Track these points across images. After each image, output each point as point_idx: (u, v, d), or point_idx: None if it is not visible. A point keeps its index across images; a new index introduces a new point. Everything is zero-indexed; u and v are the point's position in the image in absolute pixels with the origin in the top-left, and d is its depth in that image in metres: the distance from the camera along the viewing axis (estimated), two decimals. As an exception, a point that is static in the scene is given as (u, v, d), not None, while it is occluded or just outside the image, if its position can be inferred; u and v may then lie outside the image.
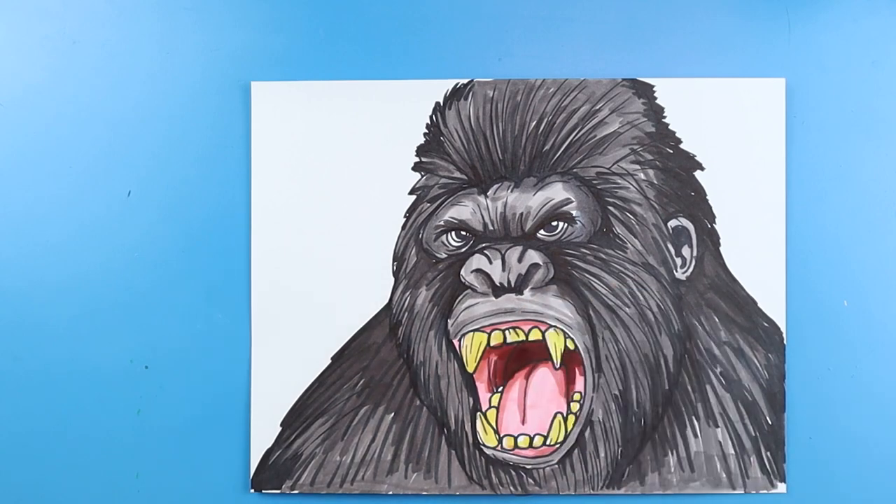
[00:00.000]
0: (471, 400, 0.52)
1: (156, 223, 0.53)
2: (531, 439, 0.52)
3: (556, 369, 0.52)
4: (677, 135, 0.52)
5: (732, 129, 0.52)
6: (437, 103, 0.52)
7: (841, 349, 0.53)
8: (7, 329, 0.53)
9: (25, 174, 0.53)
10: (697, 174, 0.52)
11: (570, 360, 0.52)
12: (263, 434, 0.52)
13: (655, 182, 0.52)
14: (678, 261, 0.52)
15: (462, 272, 0.52)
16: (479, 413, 0.52)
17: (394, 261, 0.53)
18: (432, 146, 0.53)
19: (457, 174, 0.52)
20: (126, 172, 0.53)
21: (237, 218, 0.53)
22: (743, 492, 0.52)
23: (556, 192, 0.52)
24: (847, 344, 0.53)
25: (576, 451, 0.52)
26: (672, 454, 0.52)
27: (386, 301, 0.53)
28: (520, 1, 0.53)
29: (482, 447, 0.52)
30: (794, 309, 0.52)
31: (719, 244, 0.52)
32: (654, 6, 0.53)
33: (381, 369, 0.53)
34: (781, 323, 0.52)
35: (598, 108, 0.52)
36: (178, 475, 0.53)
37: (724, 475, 0.52)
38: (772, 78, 0.52)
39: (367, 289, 0.52)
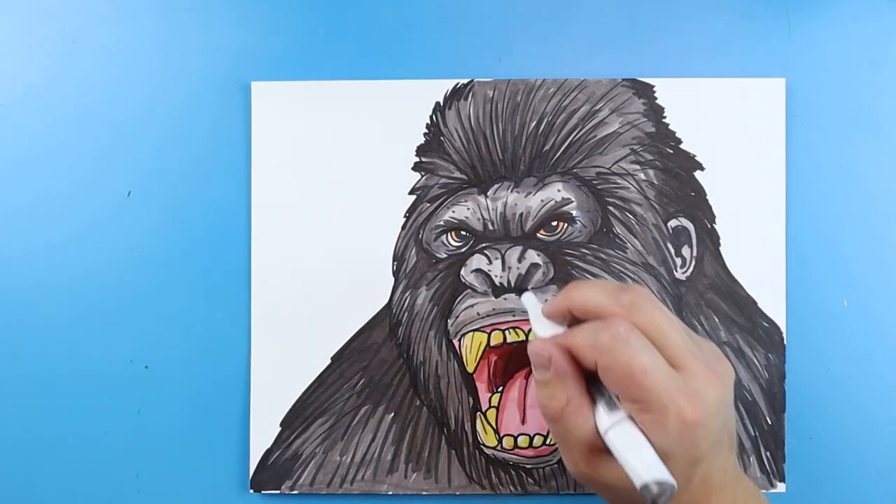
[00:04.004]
0: (471, 400, 0.52)
1: (156, 223, 0.53)
2: (531, 439, 0.52)
3: (556, 369, 0.52)
4: (677, 135, 0.52)
5: (732, 129, 0.52)
6: (437, 103, 0.52)
7: (841, 349, 0.53)
8: (7, 329, 0.53)
9: (25, 174, 0.53)
10: (697, 174, 0.52)
11: (570, 360, 0.52)
12: (263, 434, 0.52)
13: (655, 182, 0.52)
14: (678, 261, 0.52)
15: (462, 272, 0.52)
16: (479, 413, 0.52)
17: (394, 261, 0.53)
18: (432, 146, 0.53)
19: (457, 174, 0.52)
20: (126, 172, 0.53)
21: (237, 218, 0.53)
22: (743, 492, 0.51)
23: (556, 192, 0.52)
24: (847, 344, 0.53)
25: (576, 451, 0.52)
26: (672, 454, 0.52)
27: (386, 301, 0.53)
28: (520, 1, 0.53)
29: (482, 447, 0.52)
30: (794, 309, 0.52)
31: (719, 244, 0.52)
32: (654, 6, 0.53)
33: (381, 369, 0.53)
34: (781, 323, 0.52)
35: (598, 108, 0.52)
36: (178, 475, 0.53)
37: (724, 475, 0.51)
38: (772, 78, 0.52)
39: (367, 289, 0.52)
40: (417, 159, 0.53)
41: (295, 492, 0.52)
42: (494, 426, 0.52)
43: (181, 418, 0.53)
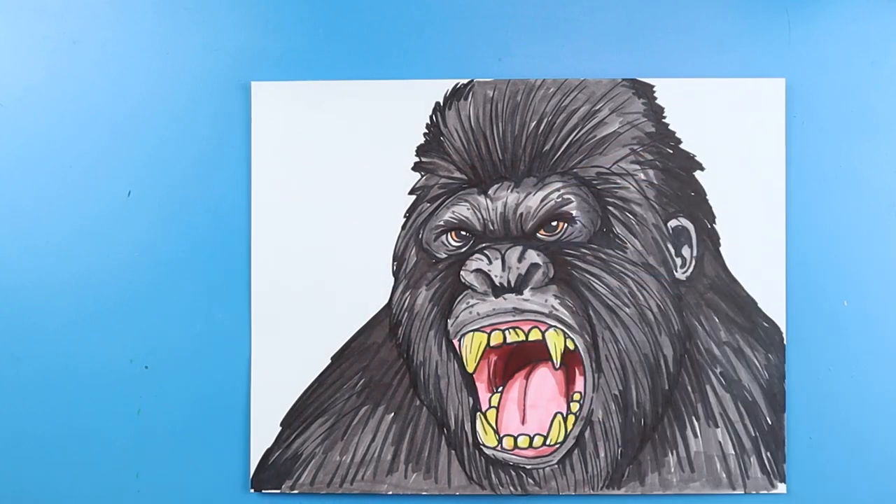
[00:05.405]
0: (471, 400, 0.52)
1: (156, 223, 0.53)
2: (531, 439, 0.52)
3: (556, 369, 0.52)
4: (677, 135, 0.52)
5: (732, 129, 0.52)
6: (437, 103, 0.52)
7: (841, 349, 0.53)
8: (7, 329, 0.53)
9: (25, 174, 0.53)
10: (697, 174, 0.52)
11: (570, 360, 0.52)
12: (263, 434, 0.52)
13: (655, 182, 0.52)
14: (678, 261, 0.52)
15: (462, 272, 0.52)
16: (478, 413, 0.52)
17: (394, 261, 0.53)
18: (432, 146, 0.53)
19: (457, 174, 0.52)
20: (126, 172, 0.53)
21: (237, 218, 0.53)
22: (743, 492, 0.52)
23: (556, 192, 0.52)
24: (847, 344, 0.53)
25: (576, 451, 0.52)
26: (672, 454, 0.52)
27: (386, 301, 0.53)
28: (520, 1, 0.53)
29: (482, 447, 0.52)
30: (794, 309, 0.52)
31: (719, 244, 0.52)
32: (654, 6, 0.53)
33: (380, 369, 0.53)
34: (781, 323, 0.52)
35: (598, 108, 0.52)
36: (178, 475, 0.53)
37: (724, 475, 0.52)
38: (772, 78, 0.52)
39: (367, 289, 0.52)
40: (417, 159, 0.53)
41: (295, 491, 0.52)
42: (494, 426, 0.52)
43: (181, 418, 0.53)
